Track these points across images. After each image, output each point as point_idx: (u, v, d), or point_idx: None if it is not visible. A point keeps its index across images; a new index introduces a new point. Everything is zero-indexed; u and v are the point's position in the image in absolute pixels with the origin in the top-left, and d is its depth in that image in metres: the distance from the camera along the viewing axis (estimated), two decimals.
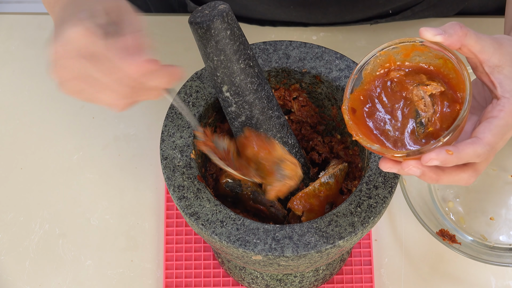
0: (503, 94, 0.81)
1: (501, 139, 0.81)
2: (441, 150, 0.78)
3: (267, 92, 0.92)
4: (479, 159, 0.80)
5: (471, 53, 0.82)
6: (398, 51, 0.84)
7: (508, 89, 0.81)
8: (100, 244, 1.11)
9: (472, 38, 0.82)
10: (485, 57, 0.82)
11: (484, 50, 0.82)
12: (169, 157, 0.91)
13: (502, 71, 0.82)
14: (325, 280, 1.08)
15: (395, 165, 0.80)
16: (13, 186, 1.14)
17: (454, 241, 1.06)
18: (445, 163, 0.78)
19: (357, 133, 0.82)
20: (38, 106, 1.19)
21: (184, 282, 1.08)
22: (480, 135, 0.80)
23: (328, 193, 0.94)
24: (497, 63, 0.82)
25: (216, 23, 0.84)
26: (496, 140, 0.80)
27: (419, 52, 0.83)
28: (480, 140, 0.79)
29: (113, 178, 1.15)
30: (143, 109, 1.19)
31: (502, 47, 0.83)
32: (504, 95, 0.81)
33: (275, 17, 1.22)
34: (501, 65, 0.82)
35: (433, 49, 0.82)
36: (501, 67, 0.82)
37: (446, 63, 0.82)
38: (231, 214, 0.87)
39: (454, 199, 1.12)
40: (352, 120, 0.83)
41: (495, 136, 0.80)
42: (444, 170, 0.81)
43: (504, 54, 0.83)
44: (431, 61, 0.83)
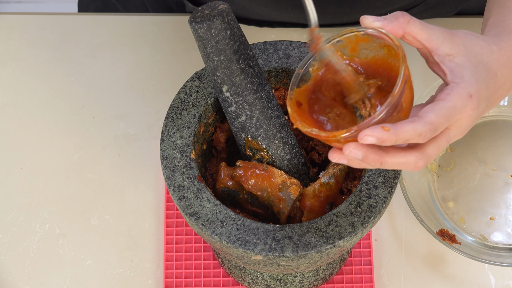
0: (453, 79, 0.79)
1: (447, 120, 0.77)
2: (377, 127, 0.74)
3: (267, 92, 0.92)
4: (421, 138, 0.76)
5: (418, 41, 0.80)
6: (344, 45, 0.82)
7: (458, 75, 0.79)
8: (100, 244, 1.11)
9: (416, 25, 0.79)
10: (433, 46, 0.80)
11: (431, 39, 0.80)
12: (169, 157, 0.91)
13: (454, 60, 0.79)
14: (325, 280, 1.08)
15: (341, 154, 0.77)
16: (13, 186, 1.14)
17: (454, 241, 1.06)
18: (382, 141, 0.74)
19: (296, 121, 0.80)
20: (38, 106, 1.19)
21: (184, 282, 1.08)
22: (422, 114, 0.76)
23: (328, 193, 0.94)
24: (448, 51, 0.80)
25: (216, 23, 0.84)
26: (439, 120, 0.77)
27: (365, 44, 0.81)
28: (421, 118, 0.76)
29: (113, 178, 1.15)
30: (143, 109, 1.19)
31: (455, 37, 0.80)
32: (454, 80, 0.79)
33: (273, 18, 1.22)
34: (453, 54, 0.80)
35: (375, 38, 0.80)
36: (453, 56, 0.80)
37: (390, 51, 0.79)
38: (231, 214, 0.87)
39: (454, 199, 1.12)
40: (296, 112, 0.81)
41: (438, 116, 0.76)
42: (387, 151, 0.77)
43: (456, 44, 0.80)
44: (377, 52, 0.80)
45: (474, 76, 0.80)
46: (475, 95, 0.79)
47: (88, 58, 1.22)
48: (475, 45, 0.82)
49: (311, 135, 0.78)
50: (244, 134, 0.93)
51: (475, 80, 0.79)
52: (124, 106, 1.19)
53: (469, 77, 0.79)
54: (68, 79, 1.21)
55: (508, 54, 0.84)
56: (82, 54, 1.22)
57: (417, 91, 1.18)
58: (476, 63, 0.81)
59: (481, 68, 0.81)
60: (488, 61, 0.82)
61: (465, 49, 0.81)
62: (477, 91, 0.79)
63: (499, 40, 0.84)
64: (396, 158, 0.78)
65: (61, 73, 1.21)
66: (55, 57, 1.22)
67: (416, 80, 1.20)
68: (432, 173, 1.13)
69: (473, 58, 0.81)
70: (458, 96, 0.78)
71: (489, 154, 1.14)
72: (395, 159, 0.77)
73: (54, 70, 1.21)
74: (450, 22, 1.24)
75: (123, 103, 1.19)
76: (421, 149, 0.78)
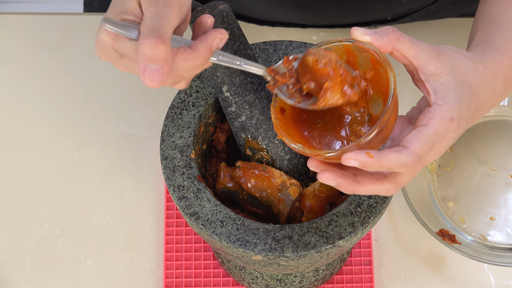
0: (436, 101, 0.78)
1: (431, 148, 0.77)
2: (361, 152, 0.75)
3: (267, 92, 0.92)
4: (405, 169, 0.76)
5: (405, 58, 0.80)
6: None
7: (442, 96, 0.78)
8: (100, 244, 1.11)
9: (406, 43, 0.79)
10: (420, 63, 0.79)
11: (419, 57, 0.79)
12: (169, 157, 0.91)
13: (439, 79, 0.79)
14: (325, 280, 1.08)
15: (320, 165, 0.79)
16: (13, 186, 1.14)
17: (454, 241, 1.06)
18: (365, 166, 0.75)
19: (281, 133, 0.80)
20: (38, 106, 1.19)
21: (184, 282, 1.08)
22: (407, 144, 0.76)
23: (328, 193, 0.94)
24: (434, 71, 0.79)
25: (216, 23, 0.84)
26: (424, 149, 0.76)
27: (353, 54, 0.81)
28: (406, 149, 0.76)
29: (113, 178, 1.15)
30: (143, 109, 1.19)
31: (441, 55, 0.80)
32: (437, 102, 0.78)
33: (273, 17, 1.22)
34: (438, 73, 0.79)
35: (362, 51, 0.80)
36: (438, 75, 0.79)
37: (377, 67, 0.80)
38: (231, 214, 0.87)
39: (454, 199, 1.12)
40: (280, 120, 0.81)
41: (423, 145, 0.76)
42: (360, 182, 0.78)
43: (442, 63, 0.80)
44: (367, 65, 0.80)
45: (457, 98, 0.79)
46: (456, 117, 0.79)
47: (88, 58, 1.22)
48: (461, 64, 0.81)
49: (296, 150, 0.79)
50: (244, 134, 0.93)
51: (458, 102, 0.79)
52: (124, 106, 1.19)
53: (452, 99, 0.79)
54: (68, 79, 1.21)
55: (492, 74, 0.84)
56: (82, 54, 1.22)
57: (413, 96, 1.18)
58: (460, 83, 0.80)
59: (465, 88, 0.81)
60: (472, 80, 0.82)
61: (451, 68, 0.80)
62: (459, 114, 0.79)
63: (485, 59, 0.84)
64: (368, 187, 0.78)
65: (61, 73, 1.21)
66: (55, 57, 1.22)
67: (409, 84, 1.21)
68: (432, 173, 1.13)
69: (458, 77, 0.80)
70: (440, 121, 0.78)
71: (489, 154, 1.14)
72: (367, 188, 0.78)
73: (54, 70, 1.21)
74: (450, 23, 1.24)
75: (123, 103, 1.19)
76: (394, 178, 0.79)
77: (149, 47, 0.71)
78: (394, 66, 1.20)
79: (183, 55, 0.74)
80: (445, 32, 1.23)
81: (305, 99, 0.80)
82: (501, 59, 0.85)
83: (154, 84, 0.72)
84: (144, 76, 0.72)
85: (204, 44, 0.75)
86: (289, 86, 0.81)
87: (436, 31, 1.23)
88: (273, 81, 0.81)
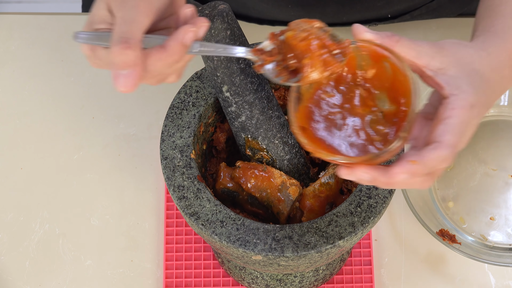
0: (451, 91, 0.78)
1: (462, 137, 0.78)
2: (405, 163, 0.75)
3: (267, 92, 0.92)
4: (446, 163, 0.77)
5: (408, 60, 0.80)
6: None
7: (455, 86, 0.79)
8: (100, 244, 1.11)
9: (405, 44, 0.79)
10: (424, 62, 0.80)
11: (421, 56, 0.80)
12: (169, 157, 0.91)
13: (447, 73, 0.79)
14: (325, 280, 1.08)
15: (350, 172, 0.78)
16: (13, 186, 1.14)
17: (454, 241, 1.06)
18: (414, 174, 0.76)
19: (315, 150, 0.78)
20: (38, 106, 1.19)
21: (184, 282, 1.08)
22: (440, 139, 0.77)
23: (328, 193, 0.94)
24: (439, 66, 0.80)
25: (216, 23, 0.84)
26: (456, 139, 0.77)
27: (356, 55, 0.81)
28: (441, 143, 0.76)
29: (113, 178, 1.15)
30: (143, 109, 1.19)
31: (444, 50, 0.80)
32: (453, 93, 0.78)
33: (273, 16, 1.22)
34: (444, 67, 0.79)
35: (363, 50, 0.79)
36: (445, 69, 0.79)
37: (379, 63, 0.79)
38: (231, 214, 0.87)
39: (454, 199, 1.12)
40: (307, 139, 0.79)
41: (454, 136, 0.77)
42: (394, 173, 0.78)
43: (446, 56, 0.80)
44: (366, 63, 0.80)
45: (470, 85, 0.80)
46: (475, 104, 0.79)
47: None
48: (464, 54, 0.82)
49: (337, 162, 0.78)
50: (244, 134, 0.93)
51: (472, 89, 0.80)
52: (124, 106, 1.19)
53: (466, 87, 0.79)
54: (68, 79, 1.21)
55: (497, 59, 0.84)
56: (82, 54, 1.22)
57: None
58: (468, 72, 0.81)
59: (474, 75, 0.81)
60: (479, 67, 0.82)
61: (455, 60, 0.81)
62: (477, 100, 0.80)
63: (487, 46, 0.84)
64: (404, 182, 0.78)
65: (61, 73, 1.21)
66: (55, 57, 1.22)
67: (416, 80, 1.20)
68: None
69: (465, 67, 0.81)
70: (462, 110, 0.78)
71: (489, 154, 1.14)
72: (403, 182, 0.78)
73: (54, 70, 1.21)
74: (450, 22, 1.24)
75: (123, 103, 1.19)
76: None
77: (117, 54, 0.72)
78: None
79: (155, 55, 0.74)
80: (445, 32, 1.23)
81: (292, 76, 0.79)
82: (503, 45, 0.85)
83: (127, 89, 0.73)
84: (117, 82, 0.73)
85: (175, 41, 0.74)
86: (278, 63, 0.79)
87: (436, 31, 1.23)
88: (260, 61, 0.79)
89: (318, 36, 0.77)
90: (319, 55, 0.77)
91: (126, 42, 0.72)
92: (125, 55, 0.72)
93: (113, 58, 0.72)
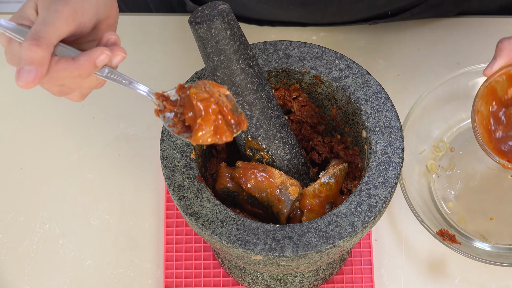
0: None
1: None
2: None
3: (267, 92, 0.92)
4: None
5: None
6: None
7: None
8: (100, 244, 1.11)
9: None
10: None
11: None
12: (169, 157, 0.91)
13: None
14: (325, 280, 1.08)
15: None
16: (13, 186, 1.14)
17: (454, 241, 1.06)
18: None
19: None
20: (38, 106, 1.19)
21: (184, 282, 1.08)
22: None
23: (328, 193, 0.94)
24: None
25: (216, 23, 0.84)
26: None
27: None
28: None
29: (113, 178, 1.15)
30: (143, 109, 1.19)
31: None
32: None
33: (273, 17, 1.22)
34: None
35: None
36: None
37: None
38: (231, 214, 0.87)
39: (454, 199, 1.12)
40: (493, 148, 0.98)
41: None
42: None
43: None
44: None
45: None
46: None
47: None
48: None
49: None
50: (244, 134, 0.93)
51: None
52: (124, 106, 1.19)
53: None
54: None
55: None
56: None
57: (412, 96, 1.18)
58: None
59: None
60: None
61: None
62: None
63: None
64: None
65: None
66: None
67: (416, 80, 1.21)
68: (432, 173, 1.13)
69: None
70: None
71: None
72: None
73: None
74: (450, 22, 1.24)
75: (123, 103, 1.19)
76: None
77: (25, 49, 0.74)
78: (394, 65, 1.20)
79: (63, 64, 0.76)
80: (445, 32, 1.23)
81: (187, 130, 0.81)
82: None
83: (24, 85, 0.74)
84: (18, 76, 0.74)
85: (86, 57, 0.77)
86: (177, 114, 0.81)
87: (437, 30, 1.23)
88: (160, 106, 0.81)
89: (218, 101, 0.79)
90: (213, 120, 0.78)
91: (37, 39, 0.74)
92: (33, 52, 0.74)
93: (22, 52, 0.74)
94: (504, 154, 0.99)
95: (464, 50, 1.22)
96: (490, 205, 1.12)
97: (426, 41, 1.23)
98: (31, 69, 0.74)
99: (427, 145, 1.13)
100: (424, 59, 1.21)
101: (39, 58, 0.74)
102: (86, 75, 0.77)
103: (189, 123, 0.80)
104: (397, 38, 1.23)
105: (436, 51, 1.22)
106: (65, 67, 0.76)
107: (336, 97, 0.96)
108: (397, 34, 1.23)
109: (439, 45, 1.22)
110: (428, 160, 1.12)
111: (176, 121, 0.81)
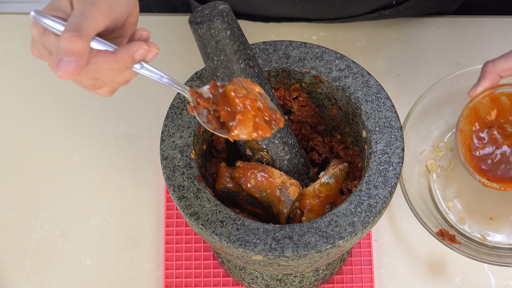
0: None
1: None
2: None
3: (267, 92, 0.92)
4: None
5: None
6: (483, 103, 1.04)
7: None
8: (100, 244, 1.11)
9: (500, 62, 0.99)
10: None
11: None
12: (169, 157, 0.91)
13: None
14: (325, 280, 1.08)
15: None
16: (13, 186, 1.14)
17: (454, 241, 1.06)
18: None
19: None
20: (38, 106, 1.19)
21: (184, 282, 1.08)
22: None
23: (328, 193, 0.94)
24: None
25: (216, 23, 0.84)
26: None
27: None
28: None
29: (113, 178, 1.15)
30: (143, 109, 1.19)
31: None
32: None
33: (279, 12, 1.21)
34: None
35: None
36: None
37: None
38: (231, 214, 0.87)
39: (454, 199, 1.12)
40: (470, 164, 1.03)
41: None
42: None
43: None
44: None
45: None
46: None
47: None
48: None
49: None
50: None
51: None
52: (124, 106, 1.19)
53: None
54: None
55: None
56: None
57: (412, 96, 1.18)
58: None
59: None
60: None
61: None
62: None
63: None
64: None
65: None
66: None
67: (416, 80, 1.21)
68: (432, 173, 1.13)
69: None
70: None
71: None
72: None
73: None
74: (450, 22, 1.24)
75: (123, 103, 1.19)
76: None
77: (66, 40, 0.74)
78: (394, 65, 1.20)
79: (102, 56, 0.76)
80: (445, 32, 1.23)
81: (222, 127, 0.82)
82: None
83: (66, 75, 0.74)
84: (58, 67, 0.74)
85: (126, 50, 0.77)
86: (210, 111, 0.82)
87: (437, 31, 1.23)
88: (194, 103, 0.82)
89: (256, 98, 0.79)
90: (253, 116, 0.79)
91: (78, 31, 0.74)
92: (73, 43, 0.74)
93: (61, 43, 0.74)
94: (484, 172, 1.04)
95: (464, 50, 1.22)
96: (490, 205, 1.12)
97: (426, 41, 1.23)
98: (71, 60, 0.74)
99: (427, 145, 1.13)
100: (424, 59, 1.21)
101: (80, 50, 0.74)
102: (124, 68, 0.78)
103: (224, 119, 0.81)
104: (397, 38, 1.23)
105: (436, 51, 1.22)
106: (104, 59, 0.76)
107: (336, 97, 0.96)
108: (396, 34, 1.23)
109: (439, 45, 1.22)
110: (428, 160, 1.12)
111: (211, 118, 0.81)
